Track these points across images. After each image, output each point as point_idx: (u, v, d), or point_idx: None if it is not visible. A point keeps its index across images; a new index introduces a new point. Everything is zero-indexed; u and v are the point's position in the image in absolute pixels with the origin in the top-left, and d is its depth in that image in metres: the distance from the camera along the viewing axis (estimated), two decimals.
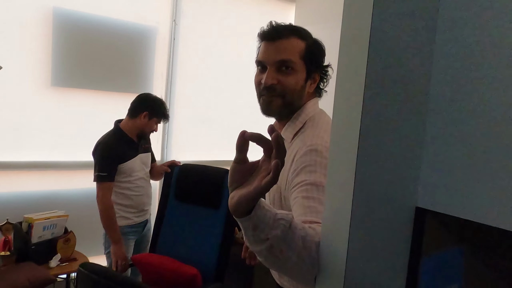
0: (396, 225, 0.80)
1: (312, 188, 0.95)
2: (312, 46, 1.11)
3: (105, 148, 2.25)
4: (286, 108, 1.11)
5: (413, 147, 0.79)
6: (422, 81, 0.78)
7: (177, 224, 2.29)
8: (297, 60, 1.08)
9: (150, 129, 2.40)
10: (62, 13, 2.70)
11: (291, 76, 1.08)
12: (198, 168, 2.37)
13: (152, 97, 2.42)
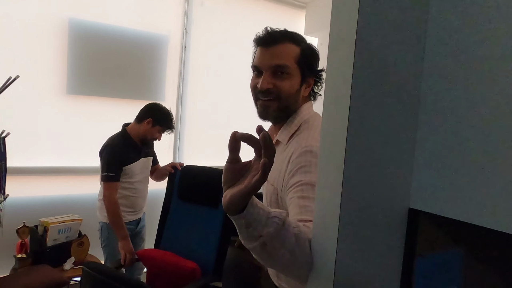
0: (388, 227, 0.80)
1: (308, 188, 0.96)
2: (306, 51, 1.13)
3: (111, 150, 2.35)
4: (282, 111, 1.13)
5: (405, 148, 0.79)
6: (413, 83, 0.79)
7: (180, 222, 2.40)
8: (292, 65, 1.09)
9: (152, 136, 2.48)
10: (77, 23, 2.79)
11: (286, 80, 1.10)
12: (199, 169, 2.48)
13: (159, 107, 2.51)
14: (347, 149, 0.73)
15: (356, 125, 0.73)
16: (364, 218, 0.77)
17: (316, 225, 0.79)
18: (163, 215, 2.48)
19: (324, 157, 0.79)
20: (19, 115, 2.64)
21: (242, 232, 0.74)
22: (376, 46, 0.75)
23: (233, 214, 0.72)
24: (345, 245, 0.75)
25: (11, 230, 2.43)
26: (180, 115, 3.25)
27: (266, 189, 1.16)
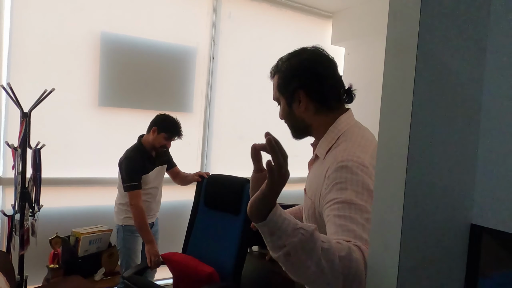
0: (449, 244, 0.76)
1: (344, 206, 0.93)
2: (283, 74, 1.17)
3: (130, 163, 2.47)
4: (295, 130, 1.20)
5: (466, 160, 0.75)
6: (474, 91, 0.75)
7: (204, 228, 2.51)
8: (277, 95, 1.20)
9: (159, 144, 2.54)
10: (109, 37, 2.85)
11: (280, 109, 1.21)
12: (223, 177, 2.57)
13: (164, 116, 2.60)
14: (408, 163, 0.69)
15: (418, 137, 0.70)
16: (425, 236, 0.73)
17: (375, 244, 0.75)
18: (191, 221, 2.58)
19: (383, 172, 0.75)
20: (53, 127, 2.69)
21: (267, 240, 0.77)
22: (439, 52, 0.71)
23: (255, 221, 0.76)
24: (406, 264, 0.71)
25: (44, 241, 2.46)
26: (208, 126, 3.26)
27: (305, 203, 1.16)
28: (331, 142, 1.11)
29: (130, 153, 2.52)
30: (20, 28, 2.57)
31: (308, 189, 1.13)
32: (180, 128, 2.58)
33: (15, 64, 2.57)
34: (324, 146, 1.12)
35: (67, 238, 2.52)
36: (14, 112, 2.39)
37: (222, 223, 2.42)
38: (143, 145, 2.55)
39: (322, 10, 3.67)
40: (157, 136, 2.52)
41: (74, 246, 2.49)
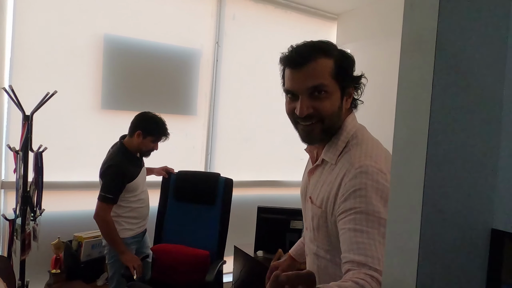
0: (470, 250, 0.72)
1: (361, 218, 0.89)
2: (341, 60, 1.02)
3: (115, 171, 2.30)
4: (327, 133, 1.04)
5: (487, 163, 0.71)
6: (495, 90, 0.71)
7: (178, 220, 2.71)
8: (329, 82, 0.99)
9: (146, 148, 2.42)
10: (112, 39, 2.83)
11: (327, 100, 1.00)
12: (194, 173, 2.79)
13: (147, 116, 2.43)
14: (427, 166, 0.66)
15: (436, 140, 0.66)
16: (444, 242, 0.69)
17: (393, 250, 0.71)
18: (159, 216, 2.72)
19: (399, 175, 0.71)
20: (55, 130, 2.67)
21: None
22: (459, 47, 0.67)
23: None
24: (426, 271, 0.67)
25: (46, 245, 2.43)
26: (212, 129, 3.23)
27: (312, 211, 1.07)
28: (341, 146, 1.03)
29: (115, 159, 2.33)
30: (22, 30, 2.55)
31: (315, 197, 1.05)
32: (166, 128, 2.44)
33: (17, 66, 2.55)
34: (334, 150, 1.04)
35: (69, 243, 2.49)
36: (16, 114, 2.37)
37: (198, 214, 2.68)
38: (126, 148, 2.40)
39: (327, 12, 3.65)
40: (142, 140, 2.37)
41: (77, 250, 2.46)
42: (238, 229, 3.23)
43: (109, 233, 2.29)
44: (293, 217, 2.44)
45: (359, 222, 0.88)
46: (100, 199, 2.28)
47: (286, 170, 3.53)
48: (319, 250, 1.06)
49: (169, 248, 2.48)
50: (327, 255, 1.03)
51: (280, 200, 3.41)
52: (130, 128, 2.42)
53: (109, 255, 2.39)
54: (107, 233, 2.29)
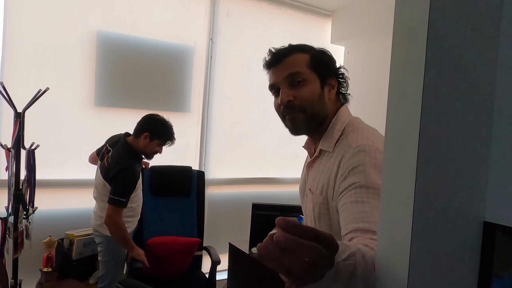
0: (462, 242, 0.72)
1: (362, 191, 0.88)
2: (317, 55, 1.09)
3: (129, 175, 2.29)
4: (311, 120, 1.07)
5: (479, 153, 0.71)
6: (487, 84, 0.71)
7: (156, 213, 2.80)
8: (305, 70, 1.05)
9: (151, 150, 2.40)
10: (105, 36, 2.81)
11: (304, 87, 1.05)
12: (167, 168, 2.88)
13: (155, 119, 2.42)
14: (419, 158, 0.65)
15: (428, 132, 0.66)
16: (436, 234, 0.69)
17: (384, 242, 0.71)
18: None
19: (391, 167, 0.71)
20: (48, 128, 2.65)
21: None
22: (450, 40, 0.67)
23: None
24: (418, 263, 0.67)
25: (38, 244, 2.41)
26: (206, 126, 3.22)
27: (312, 202, 1.09)
28: (337, 134, 1.07)
29: (126, 161, 2.30)
30: (13, 26, 2.52)
31: (315, 187, 1.08)
32: (173, 133, 2.43)
33: (9, 63, 2.52)
34: (330, 139, 1.08)
35: (61, 241, 2.47)
36: (7, 112, 2.35)
37: (175, 206, 2.84)
38: (132, 148, 2.37)
39: (321, 9, 3.65)
40: (149, 143, 2.35)
41: (68, 249, 2.44)
42: (233, 227, 3.23)
43: (121, 234, 2.31)
44: (288, 214, 2.43)
45: (360, 195, 0.88)
46: (112, 203, 2.25)
47: (281, 167, 3.53)
48: (320, 213, 1.06)
49: (164, 240, 2.56)
50: None
51: (275, 197, 3.41)
52: (137, 129, 2.39)
53: (104, 253, 2.37)
54: (119, 235, 2.31)
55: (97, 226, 2.41)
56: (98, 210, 2.41)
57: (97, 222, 2.41)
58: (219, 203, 3.30)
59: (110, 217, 2.25)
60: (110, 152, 2.40)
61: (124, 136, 2.43)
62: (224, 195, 3.35)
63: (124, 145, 2.37)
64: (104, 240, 2.39)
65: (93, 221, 2.45)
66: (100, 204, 2.40)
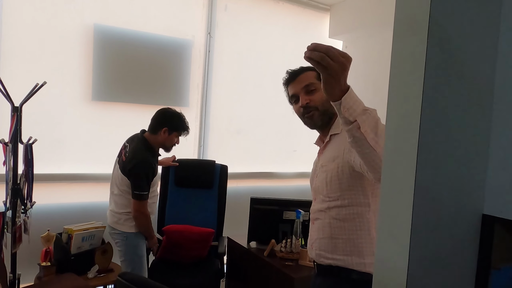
0: (460, 235, 0.73)
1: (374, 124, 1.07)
2: None
3: (146, 167, 2.35)
4: (324, 115, 1.43)
5: (479, 147, 0.72)
6: (487, 77, 0.71)
7: (179, 204, 2.95)
8: (315, 81, 1.42)
9: (171, 143, 2.49)
10: (102, 30, 2.79)
11: (316, 93, 1.42)
12: (192, 161, 3.07)
13: (170, 112, 2.49)
14: (419, 151, 0.66)
15: (428, 125, 0.66)
16: (435, 227, 0.69)
17: (384, 234, 0.71)
18: (161, 202, 2.90)
19: (392, 159, 0.71)
20: (45, 122, 2.64)
21: (341, 116, 1.05)
22: (451, 33, 0.67)
23: (333, 100, 1.04)
24: (417, 256, 0.67)
25: (36, 238, 2.40)
26: (204, 120, 3.22)
27: (325, 171, 1.39)
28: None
29: (143, 156, 2.37)
30: (10, 20, 2.50)
31: (327, 161, 1.39)
32: (187, 123, 2.54)
33: (5, 57, 2.51)
34: (338, 124, 1.39)
35: (59, 235, 2.47)
36: (4, 106, 2.33)
37: (197, 197, 2.96)
38: (150, 144, 2.44)
39: (319, 3, 3.63)
40: (168, 136, 2.44)
41: (67, 243, 2.44)
42: (231, 221, 3.23)
43: (146, 225, 2.42)
44: (286, 208, 2.44)
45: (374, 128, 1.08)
46: (136, 197, 2.34)
47: (279, 162, 3.53)
48: (330, 202, 1.37)
49: (179, 227, 2.68)
50: (337, 201, 1.35)
51: (273, 191, 3.41)
52: (154, 125, 2.45)
53: (125, 251, 2.41)
54: (146, 225, 2.42)
55: (114, 224, 2.43)
56: (116, 207, 2.43)
57: (114, 219, 2.44)
58: None
59: (138, 210, 2.36)
60: (128, 148, 2.45)
61: (142, 132, 2.49)
62: None
63: (142, 140, 2.44)
64: (122, 238, 2.42)
65: (110, 219, 2.47)
66: (119, 200, 2.42)
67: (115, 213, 2.43)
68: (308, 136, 1.77)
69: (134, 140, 2.47)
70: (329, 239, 1.37)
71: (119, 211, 2.42)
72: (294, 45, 3.44)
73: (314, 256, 1.46)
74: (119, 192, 2.41)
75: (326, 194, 1.38)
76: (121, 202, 2.41)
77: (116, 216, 2.42)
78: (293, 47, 3.42)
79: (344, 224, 1.34)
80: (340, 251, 1.36)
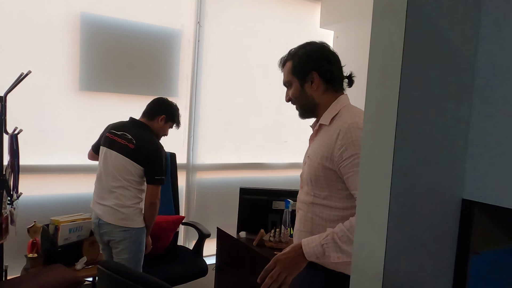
0: (440, 220, 0.72)
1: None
2: (297, 58, 1.38)
3: (161, 153, 2.31)
4: (304, 109, 1.43)
5: (458, 132, 0.71)
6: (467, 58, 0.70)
7: None
8: (290, 78, 1.41)
9: (164, 133, 2.44)
10: (89, 18, 2.74)
11: (291, 89, 1.42)
12: None
13: (169, 102, 2.47)
14: (397, 135, 0.65)
15: (407, 108, 0.65)
16: (414, 212, 0.69)
17: (362, 219, 0.70)
18: None
19: (370, 144, 0.70)
20: (31, 112, 2.59)
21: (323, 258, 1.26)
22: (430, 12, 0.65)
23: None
24: (394, 241, 0.67)
25: (22, 230, 2.38)
26: (194, 111, 3.19)
27: (310, 166, 1.36)
28: (334, 113, 1.35)
29: (155, 142, 2.33)
30: None
31: (313, 155, 1.35)
32: (180, 117, 2.52)
33: None
34: (328, 115, 1.35)
35: (46, 227, 2.45)
36: None
37: None
38: (152, 130, 2.38)
39: None
40: (164, 125, 2.40)
41: (54, 234, 2.42)
42: (221, 211, 3.23)
43: (155, 214, 2.34)
44: (275, 198, 2.44)
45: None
46: (157, 183, 2.28)
47: (270, 153, 3.52)
48: (316, 199, 1.34)
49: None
50: (324, 201, 1.32)
51: (264, 182, 3.41)
52: (151, 111, 2.39)
53: (132, 247, 2.27)
54: (154, 215, 2.33)
55: (120, 221, 2.25)
56: (121, 200, 2.25)
57: (119, 216, 2.25)
58: (208, 188, 3.29)
59: (156, 196, 2.29)
60: (126, 135, 2.31)
61: (133, 120, 2.41)
62: (212, 180, 3.34)
63: (144, 126, 2.38)
64: (131, 234, 2.26)
65: (111, 216, 2.26)
66: (125, 192, 2.26)
67: (122, 208, 2.25)
68: (298, 127, 1.77)
69: (134, 128, 2.35)
70: (309, 234, 1.34)
71: (127, 204, 2.25)
72: (284, 35, 3.41)
73: None
74: (126, 183, 2.25)
75: (311, 189, 1.36)
76: (129, 194, 2.26)
77: (124, 212, 2.25)
78: (284, 36, 3.39)
79: (326, 223, 1.31)
80: None
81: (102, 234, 2.32)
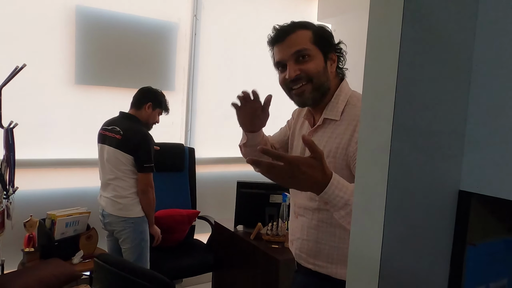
0: (436, 211, 0.72)
1: None
2: (318, 30, 1.17)
3: (149, 141, 2.34)
4: (317, 91, 1.16)
5: (455, 123, 0.70)
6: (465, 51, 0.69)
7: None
8: (310, 47, 1.14)
9: (153, 120, 2.47)
10: (85, 11, 2.72)
11: (310, 62, 1.14)
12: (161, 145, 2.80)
13: (154, 89, 2.49)
14: (394, 126, 0.64)
15: (404, 99, 0.64)
16: (411, 203, 0.69)
17: (359, 212, 0.70)
18: None
19: (366, 134, 0.69)
20: (27, 106, 2.58)
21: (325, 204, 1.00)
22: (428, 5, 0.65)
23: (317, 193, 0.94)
24: (391, 233, 0.66)
25: (19, 224, 2.38)
26: (191, 104, 3.18)
27: None
28: (342, 105, 1.17)
29: (142, 131, 2.36)
30: None
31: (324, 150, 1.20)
32: (168, 102, 2.54)
33: None
34: (335, 109, 1.17)
35: (43, 221, 2.44)
36: None
37: (170, 180, 2.97)
38: (142, 120, 2.42)
39: None
40: (152, 112, 2.42)
41: (50, 229, 2.41)
42: (218, 205, 3.23)
43: (152, 204, 2.36)
44: (272, 191, 2.44)
45: None
46: (146, 170, 2.31)
47: None
48: (321, 204, 1.16)
49: (167, 212, 2.68)
50: None
51: (260, 176, 3.40)
52: (138, 100, 2.43)
53: (133, 237, 2.33)
54: (151, 204, 2.36)
55: (119, 211, 2.33)
56: (119, 191, 2.33)
57: (118, 207, 2.33)
58: (205, 181, 3.29)
59: (148, 184, 2.32)
60: (116, 128, 2.37)
61: (123, 113, 2.45)
62: (210, 174, 3.34)
63: (130, 117, 2.41)
64: (130, 224, 2.33)
65: (111, 207, 2.34)
66: (121, 183, 2.33)
67: (119, 199, 2.33)
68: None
69: (122, 120, 2.41)
70: (314, 243, 1.20)
71: (124, 194, 2.32)
72: None
73: (293, 253, 1.33)
74: (121, 174, 2.32)
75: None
76: (125, 184, 2.33)
77: (122, 202, 2.32)
78: None
79: (335, 230, 1.15)
80: (324, 258, 1.20)
81: (106, 224, 2.41)
